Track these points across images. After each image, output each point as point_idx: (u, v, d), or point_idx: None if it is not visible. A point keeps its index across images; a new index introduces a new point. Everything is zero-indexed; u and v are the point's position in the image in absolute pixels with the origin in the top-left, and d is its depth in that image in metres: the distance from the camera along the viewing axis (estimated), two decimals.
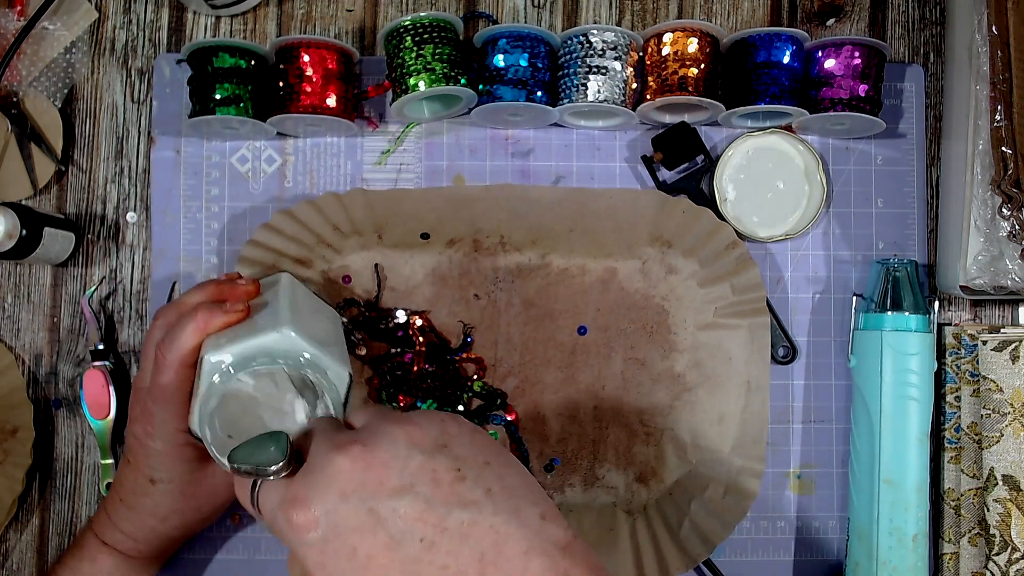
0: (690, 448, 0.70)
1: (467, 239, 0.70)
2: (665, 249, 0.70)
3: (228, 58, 0.65)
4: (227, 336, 0.55)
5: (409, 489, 0.41)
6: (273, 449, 0.43)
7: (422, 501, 0.40)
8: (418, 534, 0.40)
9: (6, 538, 0.71)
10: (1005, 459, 0.67)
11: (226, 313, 0.56)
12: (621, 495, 0.70)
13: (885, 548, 0.65)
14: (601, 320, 0.71)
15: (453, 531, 0.40)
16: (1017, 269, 0.64)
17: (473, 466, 0.42)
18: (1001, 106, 0.63)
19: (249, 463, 0.43)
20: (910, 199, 0.72)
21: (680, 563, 0.65)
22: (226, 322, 0.56)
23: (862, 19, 0.73)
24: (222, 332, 0.55)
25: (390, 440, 0.42)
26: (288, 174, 0.72)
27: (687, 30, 0.67)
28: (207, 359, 0.53)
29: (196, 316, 0.56)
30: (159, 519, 0.61)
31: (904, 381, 0.66)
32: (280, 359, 0.53)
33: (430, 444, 0.43)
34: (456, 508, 0.41)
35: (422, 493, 0.41)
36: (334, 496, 0.41)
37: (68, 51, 0.72)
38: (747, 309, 0.68)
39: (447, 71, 0.66)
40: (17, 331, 0.72)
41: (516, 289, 0.71)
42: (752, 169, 0.70)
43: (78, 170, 0.72)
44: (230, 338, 0.54)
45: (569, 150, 0.72)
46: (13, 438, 0.70)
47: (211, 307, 0.56)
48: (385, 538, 0.40)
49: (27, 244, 0.66)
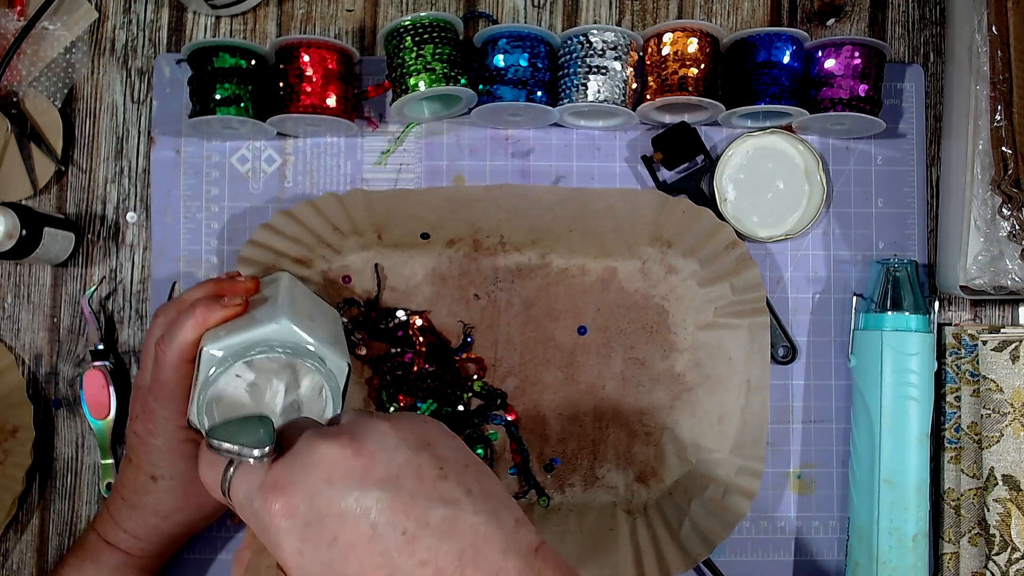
0: (690, 448, 0.70)
1: (467, 239, 0.70)
2: (665, 249, 0.70)
3: (228, 58, 0.65)
4: (226, 328, 0.56)
5: (394, 481, 0.41)
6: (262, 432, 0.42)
7: (406, 494, 0.41)
8: (400, 527, 0.40)
9: (6, 538, 0.71)
10: (1005, 459, 0.67)
11: (224, 308, 0.56)
12: (621, 495, 0.70)
13: (885, 548, 0.65)
14: (601, 320, 0.71)
15: (434, 527, 0.40)
16: (1017, 269, 0.64)
17: (455, 467, 0.43)
18: (1001, 106, 0.63)
19: (233, 442, 0.42)
20: (910, 199, 0.72)
21: (680, 563, 0.65)
22: (224, 316, 0.56)
23: (862, 19, 0.73)
24: (221, 326, 0.56)
25: (378, 433, 0.42)
26: (288, 174, 0.72)
27: (687, 30, 0.67)
28: (206, 350, 0.54)
29: (195, 311, 0.56)
30: (161, 517, 0.61)
31: (904, 381, 0.66)
32: (279, 348, 0.53)
33: (415, 442, 0.43)
34: (438, 505, 0.41)
35: (406, 487, 0.41)
36: (319, 482, 0.40)
37: (68, 51, 0.72)
38: (747, 309, 0.68)
39: (447, 71, 0.66)
40: (17, 331, 0.72)
41: (516, 289, 0.71)
42: (752, 169, 0.70)
43: (78, 170, 0.72)
44: (229, 330, 0.55)
45: (569, 150, 0.72)
46: (13, 438, 0.70)
47: (209, 302, 0.57)
48: (367, 528, 0.40)
49: (27, 244, 0.66)
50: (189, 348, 0.56)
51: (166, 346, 0.56)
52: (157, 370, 0.57)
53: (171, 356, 0.56)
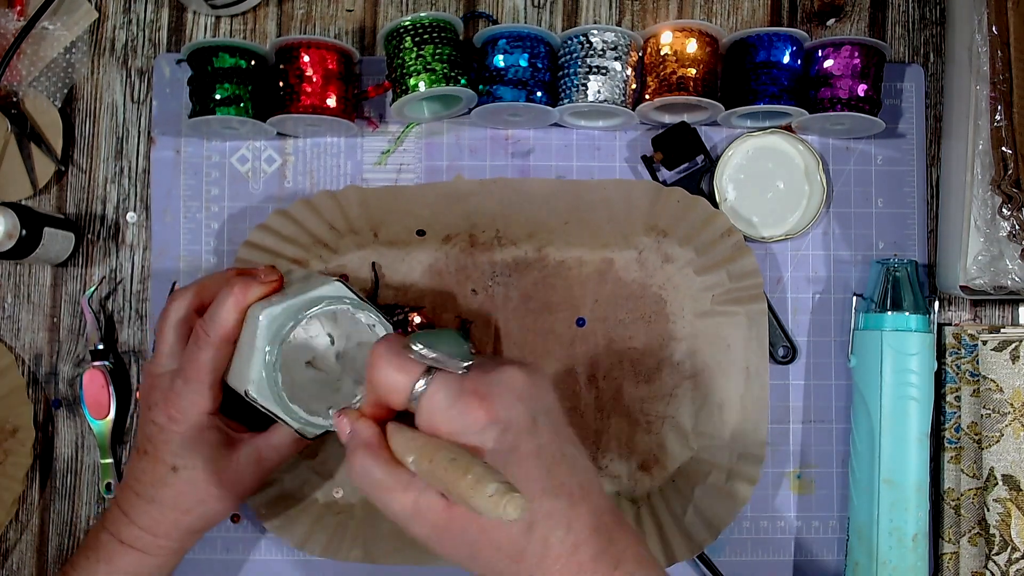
0: (691, 435, 0.70)
1: (463, 234, 0.70)
2: (661, 238, 0.70)
3: (228, 58, 0.65)
4: (278, 297, 0.57)
5: (550, 413, 0.49)
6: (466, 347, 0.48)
7: (554, 426, 0.48)
8: (551, 450, 0.47)
9: (6, 538, 0.71)
10: (1005, 459, 0.67)
11: (263, 284, 0.57)
12: (625, 484, 0.70)
13: (885, 548, 0.65)
14: (599, 311, 0.71)
15: (567, 460, 0.48)
16: (1017, 269, 0.64)
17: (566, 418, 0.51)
18: (1001, 106, 0.63)
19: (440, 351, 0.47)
20: (910, 199, 0.72)
21: (686, 549, 0.66)
22: (264, 292, 0.57)
23: (862, 19, 0.73)
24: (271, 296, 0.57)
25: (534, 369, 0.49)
26: (288, 174, 0.72)
27: (687, 30, 0.67)
28: (263, 315, 0.55)
29: (232, 289, 0.56)
30: (182, 511, 0.59)
31: (904, 381, 0.66)
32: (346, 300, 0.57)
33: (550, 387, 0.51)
34: (568, 443, 0.49)
35: (554, 420, 0.49)
36: (512, 398, 0.47)
37: (68, 51, 0.72)
38: (744, 296, 0.68)
39: (447, 71, 0.66)
40: (17, 331, 0.72)
41: (513, 283, 0.71)
42: (752, 169, 0.70)
43: (78, 170, 0.72)
44: (281, 296, 0.57)
45: (569, 150, 0.72)
46: (13, 438, 0.70)
47: (246, 279, 0.57)
48: (535, 445, 0.47)
49: (27, 244, 0.66)
50: (233, 326, 0.56)
51: (208, 327, 0.56)
52: (195, 351, 0.57)
53: (213, 336, 0.56)
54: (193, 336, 0.57)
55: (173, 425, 0.58)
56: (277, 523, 0.67)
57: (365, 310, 0.58)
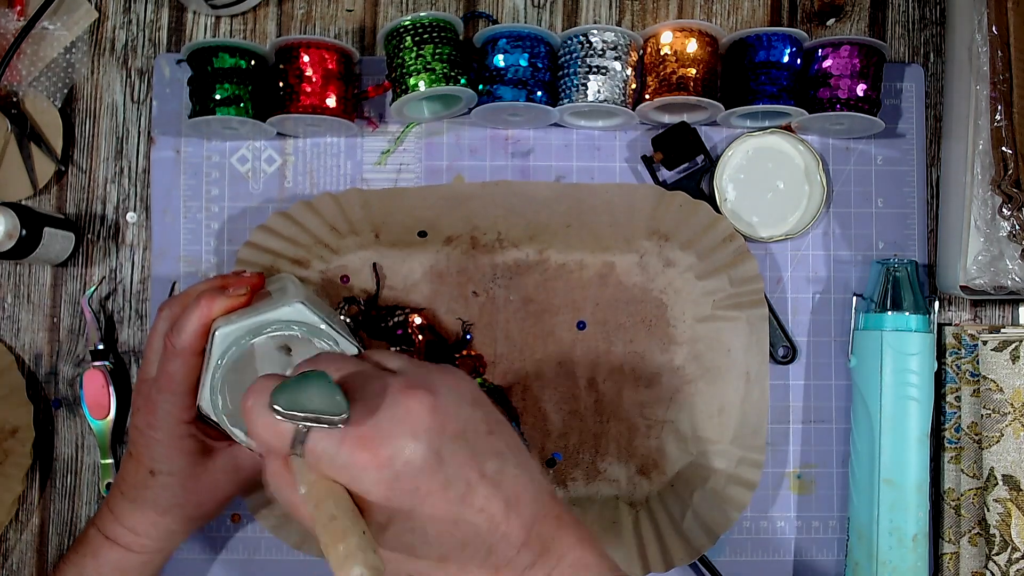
0: (691, 440, 0.70)
1: (464, 236, 0.70)
2: (662, 242, 0.70)
3: (228, 58, 0.65)
4: (238, 314, 0.57)
5: (462, 436, 0.44)
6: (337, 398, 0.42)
7: (470, 448, 0.44)
8: (464, 478, 0.43)
9: (6, 538, 0.71)
10: (1005, 459, 0.67)
11: (229, 298, 0.57)
12: (623, 488, 0.70)
13: (885, 548, 0.65)
14: (600, 314, 0.71)
15: (488, 478, 0.44)
16: (1017, 269, 0.64)
17: (496, 423, 0.47)
18: (1001, 106, 0.63)
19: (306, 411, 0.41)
20: (910, 199, 0.72)
21: (684, 554, 0.66)
22: (228, 306, 0.57)
23: (862, 19, 0.73)
24: (233, 313, 0.57)
25: (447, 388, 0.45)
26: (288, 174, 0.72)
27: (687, 30, 0.67)
28: (218, 333, 0.55)
29: (200, 302, 0.57)
30: (160, 512, 0.61)
31: (904, 381, 0.66)
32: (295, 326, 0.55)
33: (470, 397, 0.46)
34: (491, 458, 0.45)
35: (470, 441, 0.44)
36: (406, 436, 0.43)
37: (68, 51, 0.72)
38: (745, 301, 0.68)
39: (447, 71, 0.66)
40: (17, 331, 0.72)
41: (514, 285, 0.71)
42: (752, 169, 0.70)
43: (78, 170, 0.72)
44: (240, 315, 0.57)
45: (569, 150, 0.72)
46: (13, 438, 0.70)
47: (214, 293, 0.58)
48: (442, 479, 0.43)
49: (27, 244, 0.66)
50: (197, 340, 0.57)
51: (174, 338, 0.57)
52: (165, 362, 0.58)
53: (179, 348, 0.57)
54: (164, 347, 0.59)
55: (151, 431, 0.59)
56: (276, 523, 0.67)
57: (321, 336, 0.56)
